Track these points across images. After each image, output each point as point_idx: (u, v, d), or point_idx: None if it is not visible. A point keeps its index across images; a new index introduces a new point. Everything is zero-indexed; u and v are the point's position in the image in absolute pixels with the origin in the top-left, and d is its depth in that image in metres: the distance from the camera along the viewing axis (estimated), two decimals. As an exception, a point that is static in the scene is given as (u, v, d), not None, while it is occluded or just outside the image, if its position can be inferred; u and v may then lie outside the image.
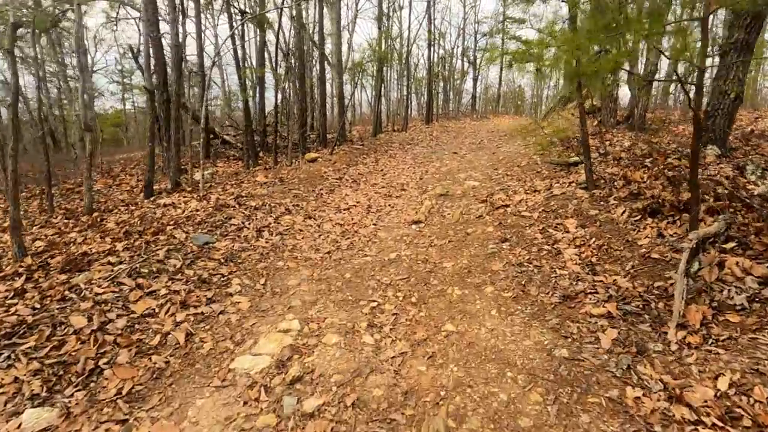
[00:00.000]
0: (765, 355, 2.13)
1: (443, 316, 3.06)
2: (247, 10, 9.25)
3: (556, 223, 4.37)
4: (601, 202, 4.46)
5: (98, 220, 4.92)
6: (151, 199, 5.68)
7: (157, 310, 2.95)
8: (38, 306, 2.82)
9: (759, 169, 4.49)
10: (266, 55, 11.13)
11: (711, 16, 3.85)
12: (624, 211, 4.01)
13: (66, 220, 5.15)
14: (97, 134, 17.61)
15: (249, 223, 4.77)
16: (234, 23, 9.94)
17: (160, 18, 7.41)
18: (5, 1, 7.36)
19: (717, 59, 5.27)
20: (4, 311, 2.75)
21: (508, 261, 3.80)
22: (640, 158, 5.42)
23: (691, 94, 3.13)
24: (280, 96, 12.95)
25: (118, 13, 9.10)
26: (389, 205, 6.16)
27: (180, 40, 6.65)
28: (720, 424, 1.78)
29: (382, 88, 17.78)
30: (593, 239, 3.79)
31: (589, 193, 4.77)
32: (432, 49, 18.08)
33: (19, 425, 2.00)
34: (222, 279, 3.56)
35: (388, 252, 4.42)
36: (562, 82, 14.81)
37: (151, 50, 7.38)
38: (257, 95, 10.80)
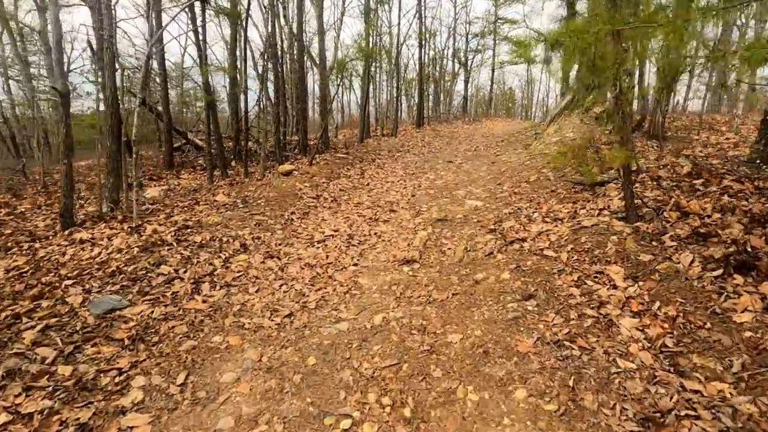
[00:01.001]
0: None
1: (455, 453, 1.92)
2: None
3: (595, 271, 3.28)
4: (653, 242, 3.38)
5: (-18, 265, 3.65)
6: (68, 231, 4.42)
7: (-26, 465, 1.74)
8: None
9: None
10: (248, 52, 9.88)
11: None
12: (693, 260, 2.93)
13: (-54, 264, 3.86)
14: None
15: (185, 271, 3.56)
16: (175, 11, 8.68)
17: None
18: None
19: None
20: None
21: (539, 335, 2.68)
22: (686, 178, 4.38)
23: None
24: (255, 98, 11.70)
25: None
26: (375, 233, 5.01)
27: (112, 30, 5.40)
28: None
29: (371, 89, 16.65)
30: (658, 304, 2.70)
31: (631, 227, 3.70)
32: (423, 49, 17.06)
33: None
34: (117, 379, 2.35)
35: (371, 312, 3.26)
36: (563, 82, 13.92)
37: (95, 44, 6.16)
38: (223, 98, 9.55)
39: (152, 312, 2.94)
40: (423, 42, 16.94)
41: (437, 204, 6.09)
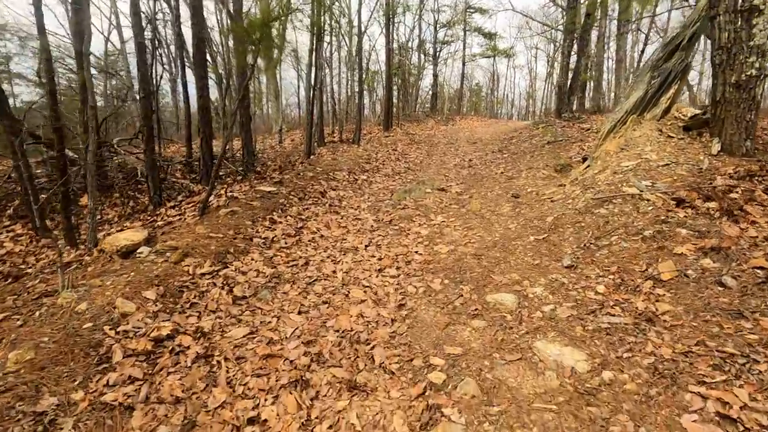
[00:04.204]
0: None
1: None
2: None
3: None
4: None
5: None
6: None
7: None
8: None
9: None
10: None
11: None
12: None
13: None
14: None
15: None
16: None
17: None
18: None
19: None
20: None
21: None
22: None
23: None
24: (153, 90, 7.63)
25: None
26: None
27: None
28: None
29: (328, 80, 12.73)
30: None
31: None
32: (391, 30, 13.36)
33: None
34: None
35: None
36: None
37: None
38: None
39: None
40: (391, 20, 13.25)
41: (467, 353, 2.44)
